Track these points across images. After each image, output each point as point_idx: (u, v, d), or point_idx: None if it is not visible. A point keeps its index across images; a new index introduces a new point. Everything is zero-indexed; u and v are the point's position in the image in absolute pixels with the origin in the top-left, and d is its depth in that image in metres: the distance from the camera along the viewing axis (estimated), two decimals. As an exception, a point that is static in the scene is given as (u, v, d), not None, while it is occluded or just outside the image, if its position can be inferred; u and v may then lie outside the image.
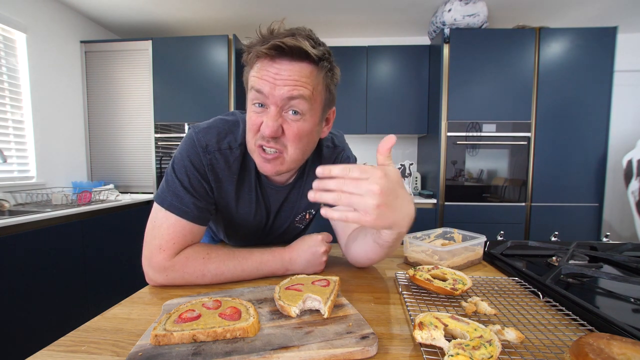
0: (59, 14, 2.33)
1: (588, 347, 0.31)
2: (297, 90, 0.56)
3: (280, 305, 0.47)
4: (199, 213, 0.63)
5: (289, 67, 0.55)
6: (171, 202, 0.61)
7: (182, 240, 0.61)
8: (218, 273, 0.60)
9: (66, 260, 1.75)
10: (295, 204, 0.79)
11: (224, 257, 0.61)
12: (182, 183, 0.62)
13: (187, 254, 0.60)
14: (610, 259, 0.75)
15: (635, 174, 1.91)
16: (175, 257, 0.59)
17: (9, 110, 2.01)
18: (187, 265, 0.59)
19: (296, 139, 0.60)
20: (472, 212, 2.30)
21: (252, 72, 0.58)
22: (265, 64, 0.56)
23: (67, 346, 0.40)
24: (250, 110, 0.60)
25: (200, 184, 0.64)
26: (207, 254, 0.61)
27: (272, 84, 0.55)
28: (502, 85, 2.23)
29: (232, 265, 0.61)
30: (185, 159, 0.63)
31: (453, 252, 0.71)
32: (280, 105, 0.57)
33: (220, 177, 0.67)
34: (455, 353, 0.33)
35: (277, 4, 2.38)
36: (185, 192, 0.62)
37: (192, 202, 0.62)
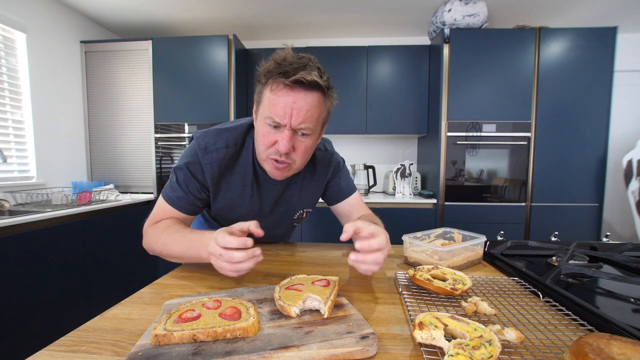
0: (59, 14, 2.33)
1: (588, 347, 0.31)
2: (308, 121, 0.66)
3: (280, 305, 0.47)
4: (185, 205, 0.76)
5: (304, 97, 0.64)
6: (167, 193, 0.77)
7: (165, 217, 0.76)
8: (166, 242, 0.69)
9: (66, 260, 1.75)
10: (292, 199, 0.87)
11: (173, 232, 0.69)
12: (178, 180, 0.76)
13: (157, 224, 0.74)
14: (610, 259, 0.75)
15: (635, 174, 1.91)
16: (152, 225, 0.75)
17: (9, 110, 2.01)
18: (153, 229, 0.73)
19: (304, 154, 0.71)
20: (472, 212, 2.30)
21: (269, 95, 0.66)
22: (283, 92, 0.64)
23: (67, 346, 0.40)
24: (264, 127, 0.68)
25: (192, 183, 0.76)
26: (169, 226, 0.71)
27: (289, 114, 0.64)
28: (502, 85, 2.23)
29: (174, 239, 0.68)
30: (186, 161, 0.75)
31: (453, 252, 0.71)
32: (293, 129, 0.66)
33: (217, 174, 0.76)
34: (455, 353, 0.33)
35: (277, 4, 2.38)
36: (178, 187, 0.76)
37: (181, 196, 0.76)
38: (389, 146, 3.00)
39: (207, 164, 0.74)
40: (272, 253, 0.88)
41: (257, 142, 0.73)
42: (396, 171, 2.57)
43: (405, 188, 2.53)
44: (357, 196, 0.95)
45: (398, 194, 2.53)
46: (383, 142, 3.00)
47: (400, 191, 2.54)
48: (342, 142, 3.01)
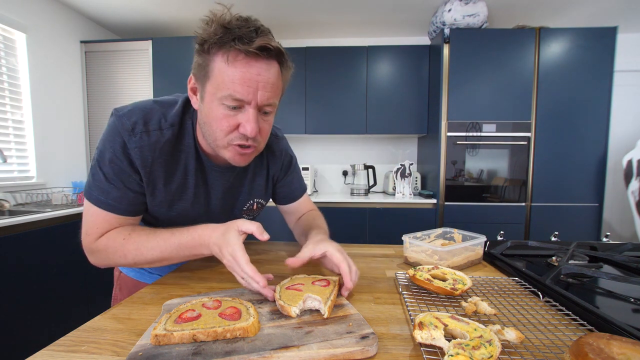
0: (59, 14, 2.33)
1: (588, 347, 0.31)
2: (274, 97, 0.59)
3: (281, 305, 0.46)
4: (127, 206, 0.62)
5: (267, 68, 0.55)
6: (97, 197, 0.60)
7: (108, 227, 0.62)
8: (138, 254, 0.59)
9: (66, 260, 1.75)
10: (241, 189, 0.77)
11: (144, 237, 0.60)
12: (107, 176, 0.59)
13: (108, 236, 0.61)
14: (610, 259, 0.75)
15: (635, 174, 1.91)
16: (98, 239, 0.61)
17: (9, 110, 2.01)
18: (108, 246, 0.60)
19: (267, 134, 0.64)
20: (472, 212, 2.30)
21: (224, 68, 0.54)
22: (243, 63, 0.54)
23: (67, 346, 0.40)
24: (219, 108, 0.56)
25: (127, 175, 0.60)
26: (128, 235, 0.60)
27: (254, 90, 0.55)
28: (502, 85, 2.23)
29: (150, 246, 0.59)
30: (109, 149, 0.59)
31: (453, 252, 0.71)
32: (258, 107, 0.58)
33: (150, 162, 0.61)
34: (455, 353, 0.33)
35: (277, 4, 2.38)
36: (111, 186, 0.60)
37: (118, 195, 0.60)
38: (388, 146, 3.00)
39: (136, 148, 0.59)
40: (272, 253, 0.88)
41: (211, 128, 0.59)
42: (396, 171, 2.57)
43: (405, 188, 2.53)
44: (306, 196, 0.91)
45: (398, 194, 2.53)
46: (383, 142, 3.00)
47: (400, 191, 2.54)
48: (342, 142, 3.01)
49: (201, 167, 0.68)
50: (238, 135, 0.58)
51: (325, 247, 0.59)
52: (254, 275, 0.50)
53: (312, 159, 3.04)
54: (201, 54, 0.56)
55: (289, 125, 2.64)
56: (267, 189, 0.83)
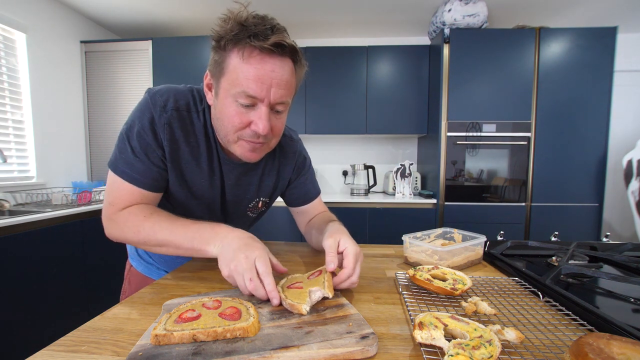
0: (59, 14, 2.33)
1: (588, 347, 0.31)
2: (287, 95, 0.59)
3: (291, 304, 0.47)
4: (150, 181, 0.63)
5: (281, 65, 0.56)
6: (123, 169, 0.62)
7: (132, 201, 0.63)
8: (151, 233, 0.59)
9: (66, 260, 1.75)
10: (250, 187, 0.77)
11: (162, 219, 0.60)
12: (134, 150, 0.61)
13: (130, 210, 0.62)
14: (610, 259, 0.75)
15: (635, 174, 1.91)
16: (121, 211, 0.62)
17: (9, 110, 2.01)
18: (128, 219, 0.61)
19: (279, 132, 0.65)
20: (472, 212, 2.30)
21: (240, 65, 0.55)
22: (257, 59, 0.54)
23: (67, 346, 0.40)
24: (233, 105, 0.57)
25: (152, 150, 0.62)
26: (150, 214, 0.61)
27: (267, 87, 0.55)
28: (502, 85, 2.23)
29: (165, 226, 0.59)
30: (137, 123, 0.61)
31: (453, 252, 0.71)
32: (271, 105, 0.58)
33: (177, 138, 0.64)
34: (455, 353, 0.33)
35: (277, 4, 2.38)
36: (137, 160, 0.61)
37: (143, 169, 0.62)
38: (388, 146, 3.00)
39: (166, 124, 0.61)
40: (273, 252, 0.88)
41: (222, 123, 0.61)
42: (396, 171, 2.57)
43: (405, 188, 2.53)
44: (319, 199, 0.90)
45: (398, 194, 2.53)
46: (383, 142, 3.00)
47: (400, 191, 2.54)
48: (342, 142, 3.01)
49: (218, 157, 0.70)
50: (250, 133, 0.59)
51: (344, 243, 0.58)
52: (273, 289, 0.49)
53: (312, 159, 3.00)
54: (217, 51, 0.57)
55: (289, 125, 2.63)
56: (275, 190, 0.83)
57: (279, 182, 0.83)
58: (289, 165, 0.82)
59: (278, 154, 0.80)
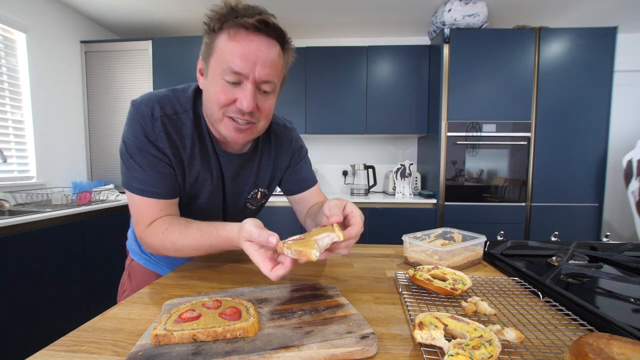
0: (59, 14, 2.33)
1: (588, 347, 0.31)
2: (273, 75, 0.60)
3: (297, 251, 0.44)
4: (166, 190, 0.65)
5: (267, 45, 0.57)
6: (137, 187, 0.63)
7: (154, 214, 0.65)
8: (178, 248, 0.62)
9: (66, 260, 1.75)
10: (249, 177, 0.78)
11: (178, 235, 0.62)
12: (141, 165, 0.63)
13: (151, 228, 0.64)
14: (610, 259, 0.75)
15: (635, 174, 1.91)
16: (147, 228, 0.65)
17: (9, 110, 2.01)
18: (152, 237, 0.63)
19: (268, 114, 0.65)
20: (472, 212, 2.30)
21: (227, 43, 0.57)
22: (243, 37, 0.56)
23: (67, 346, 0.40)
24: (219, 83, 0.59)
25: (158, 160, 0.64)
26: (166, 229, 0.63)
27: (252, 63, 0.57)
28: (502, 85, 2.23)
29: (187, 243, 0.61)
30: (134, 139, 0.62)
31: (453, 252, 0.71)
32: (256, 84, 0.59)
33: (176, 144, 0.65)
34: (455, 353, 0.33)
35: (277, 4, 2.38)
36: (147, 174, 0.63)
37: (157, 180, 0.64)
38: (388, 146, 3.00)
39: (161, 132, 0.62)
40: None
41: (209, 103, 0.62)
42: (396, 171, 2.57)
43: (405, 188, 2.53)
44: (317, 187, 0.89)
45: (398, 194, 2.53)
46: (383, 142, 3.00)
47: (400, 191, 2.54)
48: (342, 142, 3.01)
49: (214, 151, 0.71)
50: (234, 109, 0.60)
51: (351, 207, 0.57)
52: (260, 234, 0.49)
53: (312, 159, 3.02)
54: (208, 34, 0.59)
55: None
56: (272, 180, 0.84)
57: (276, 172, 0.84)
58: (285, 153, 0.83)
59: (274, 143, 0.80)
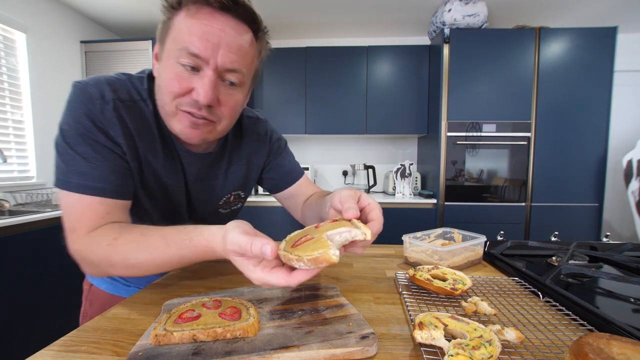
0: (59, 14, 2.33)
1: (588, 347, 0.31)
2: (240, 63, 0.50)
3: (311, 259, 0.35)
4: (117, 187, 0.52)
5: (235, 28, 0.48)
6: (78, 182, 0.49)
7: (98, 219, 0.50)
8: (132, 263, 0.47)
9: (66, 260, 1.74)
10: (216, 180, 0.68)
11: (134, 245, 0.47)
12: (84, 156, 0.49)
13: (91, 237, 0.49)
14: (610, 259, 0.75)
15: (635, 174, 1.91)
16: (85, 236, 0.49)
17: (9, 110, 2.01)
18: (93, 250, 0.48)
19: (232, 112, 0.55)
20: (472, 212, 2.30)
21: (185, 21, 0.47)
22: (206, 15, 0.47)
23: (67, 346, 0.40)
24: (174, 67, 0.49)
25: (108, 150, 0.51)
26: (114, 239, 0.48)
27: (214, 45, 0.47)
28: (502, 85, 2.23)
29: (144, 258, 0.47)
30: (77, 126, 0.49)
31: (453, 252, 0.71)
32: (219, 72, 0.49)
33: (132, 133, 0.53)
34: (455, 353, 0.33)
35: (276, 4, 2.38)
36: (92, 166, 0.49)
37: (104, 174, 0.50)
38: (389, 146, 3.00)
39: (113, 117, 0.51)
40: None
41: (161, 92, 0.51)
42: (396, 171, 2.57)
43: (405, 188, 2.53)
44: (306, 177, 0.80)
45: (398, 194, 2.53)
46: (383, 142, 3.00)
47: (400, 191, 2.54)
48: (342, 142, 3.01)
49: (175, 149, 0.60)
50: (189, 101, 0.49)
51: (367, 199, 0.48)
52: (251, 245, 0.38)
53: (312, 159, 3.04)
54: (166, 11, 0.50)
55: (289, 125, 2.64)
56: (248, 182, 0.74)
57: (252, 172, 0.74)
58: (260, 149, 0.73)
59: (246, 139, 0.70)
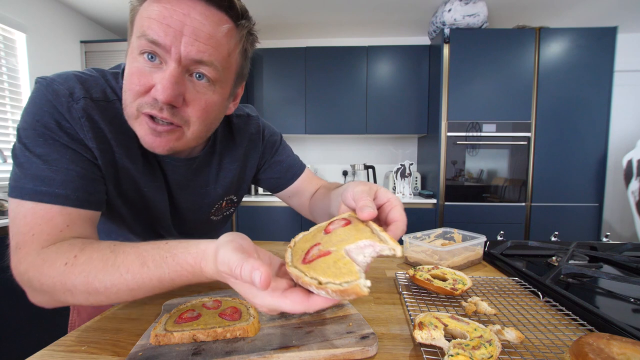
0: (59, 14, 2.33)
1: (588, 347, 0.31)
2: (212, 54, 0.42)
3: (338, 290, 0.28)
4: (83, 194, 0.43)
5: (204, 12, 0.41)
6: (34, 189, 0.40)
7: (56, 232, 0.41)
8: (91, 290, 0.37)
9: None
10: (206, 187, 0.61)
11: (99, 264, 0.37)
12: (44, 158, 0.41)
13: (44, 255, 0.39)
14: (610, 259, 0.75)
15: (635, 174, 1.91)
16: (36, 255, 0.40)
17: (9, 110, 2.01)
18: (47, 270, 0.38)
19: (203, 114, 0.45)
20: (472, 212, 2.30)
21: (148, 8, 0.41)
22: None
23: (67, 346, 0.40)
24: (133, 62, 0.42)
25: (75, 154, 0.43)
26: (74, 257, 0.38)
27: (176, 32, 0.39)
28: (502, 85, 2.23)
29: (111, 281, 0.37)
30: (38, 121, 0.42)
31: (453, 252, 0.71)
32: (184, 65, 0.41)
33: (106, 135, 0.46)
34: (455, 353, 0.33)
35: (276, 4, 2.38)
36: (53, 169, 0.41)
37: (69, 179, 0.42)
38: (389, 146, 3.00)
39: (82, 118, 0.43)
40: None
41: (124, 91, 0.44)
42: (396, 171, 2.57)
43: (405, 188, 2.53)
44: (309, 170, 0.75)
45: (398, 194, 2.53)
46: (383, 142, 3.00)
47: (400, 191, 2.54)
48: (342, 142, 3.01)
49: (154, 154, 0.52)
50: (149, 101, 0.42)
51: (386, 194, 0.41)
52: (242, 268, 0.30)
53: (312, 159, 3.04)
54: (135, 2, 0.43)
55: (289, 125, 2.64)
56: (241, 184, 0.68)
57: (246, 174, 0.68)
58: (254, 150, 0.67)
59: (237, 139, 0.63)
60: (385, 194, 0.41)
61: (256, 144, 0.67)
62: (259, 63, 2.65)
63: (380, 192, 0.41)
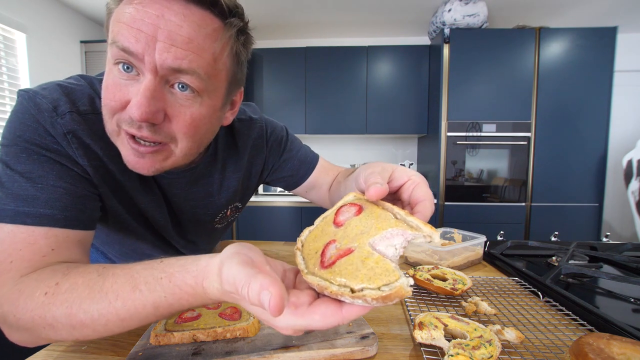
0: (59, 14, 2.33)
1: (588, 347, 0.31)
2: (192, 61, 0.36)
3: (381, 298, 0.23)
4: (74, 212, 0.39)
5: (181, 11, 0.35)
6: (16, 209, 0.36)
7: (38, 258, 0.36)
8: (75, 324, 0.32)
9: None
10: (210, 198, 0.58)
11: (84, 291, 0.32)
12: (27, 176, 0.37)
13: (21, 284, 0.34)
14: (610, 259, 0.75)
15: (635, 174, 1.91)
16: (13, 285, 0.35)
17: (9, 110, 2.01)
18: (19, 307, 0.33)
19: (190, 129, 0.40)
20: (472, 212, 2.30)
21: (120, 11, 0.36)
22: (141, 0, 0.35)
23: (67, 346, 0.40)
24: (109, 74, 0.38)
25: (63, 167, 0.40)
26: (56, 285, 0.33)
27: (147, 36, 0.34)
28: (502, 85, 2.23)
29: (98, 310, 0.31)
30: (20, 137, 0.38)
31: (453, 252, 0.71)
32: (161, 75, 0.36)
33: (95, 152, 0.42)
34: (455, 353, 0.33)
35: (276, 4, 2.38)
36: (38, 188, 0.37)
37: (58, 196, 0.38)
38: (389, 146, 3.00)
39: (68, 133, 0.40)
40: (272, 253, 0.88)
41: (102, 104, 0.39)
42: (396, 171, 2.57)
43: (405, 188, 2.52)
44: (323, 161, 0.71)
45: (398, 194, 2.53)
46: (383, 142, 3.00)
47: (400, 191, 2.53)
48: (342, 142, 3.01)
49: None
50: (127, 119, 0.37)
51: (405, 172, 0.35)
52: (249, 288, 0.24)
53: (312, 159, 3.04)
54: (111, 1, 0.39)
55: (289, 125, 2.62)
56: (247, 191, 0.66)
57: (251, 180, 0.65)
58: (259, 154, 0.63)
59: (241, 146, 0.59)
60: (403, 172, 0.35)
61: (260, 149, 0.64)
62: (259, 63, 2.65)
63: (398, 171, 0.36)
